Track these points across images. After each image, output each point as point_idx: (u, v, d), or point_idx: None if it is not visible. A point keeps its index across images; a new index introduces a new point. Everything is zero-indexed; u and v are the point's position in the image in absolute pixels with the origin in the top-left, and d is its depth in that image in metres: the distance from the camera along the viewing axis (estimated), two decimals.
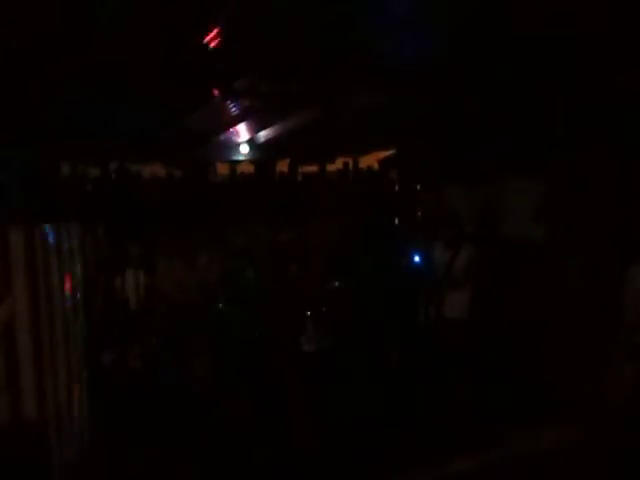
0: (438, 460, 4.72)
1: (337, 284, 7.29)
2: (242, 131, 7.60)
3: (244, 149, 8.35)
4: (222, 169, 9.57)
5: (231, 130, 7.42)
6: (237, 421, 5.72)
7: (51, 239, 4.53)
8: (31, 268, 4.27)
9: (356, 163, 9.70)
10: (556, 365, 5.24)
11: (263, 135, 7.83)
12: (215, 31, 4.20)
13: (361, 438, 5.15)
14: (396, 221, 8.88)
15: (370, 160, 9.69)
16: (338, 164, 9.77)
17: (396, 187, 9.47)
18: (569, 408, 4.71)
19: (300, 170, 9.58)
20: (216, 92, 5.21)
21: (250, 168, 9.36)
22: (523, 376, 5.45)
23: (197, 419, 5.64)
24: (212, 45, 4.35)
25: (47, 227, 4.51)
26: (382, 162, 9.67)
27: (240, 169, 9.45)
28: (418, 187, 8.86)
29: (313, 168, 9.61)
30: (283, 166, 9.51)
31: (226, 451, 5.22)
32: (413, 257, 6.92)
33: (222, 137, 7.87)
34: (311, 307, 6.91)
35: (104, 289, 5.97)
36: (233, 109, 6.20)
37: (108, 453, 4.96)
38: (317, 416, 5.67)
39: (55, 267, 4.56)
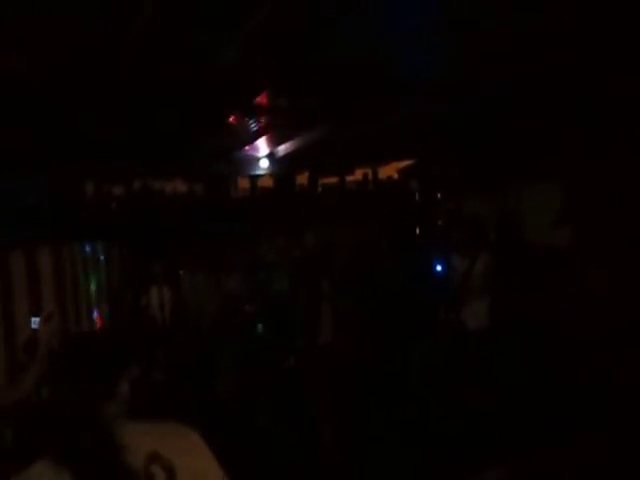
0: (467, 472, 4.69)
1: (360, 295, 7.31)
2: (262, 146, 7.68)
3: (264, 163, 8.43)
4: (242, 183, 9.65)
5: (251, 145, 7.49)
6: (266, 435, 5.74)
7: (79, 257, 4.63)
8: (60, 287, 4.35)
9: (375, 173, 9.73)
10: (583, 372, 5.19)
11: (282, 149, 7.90)
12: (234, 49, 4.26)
13: (388, 452, 5.15)
14: (417, 230, 8.90)
15: (390, 170, 9.71)
16: (357, 175, 9.81)
17: (416, 196, 9.49)
18: (599, 416, 4.66)
19: (320, 182, 9.63)
20: (235, 110, 5.28)
21: (270, 182, 9.43)
22: (549, 384, 5.40)
23: (225, 434, 5.68)
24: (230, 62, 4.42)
25: (74, 246, 4.61)
26: (402, 172, 9.68)
27: (260, 183, 9.53)
28: (439, 196, 8.87)
29: (333, 180, 9.65)
30: (302, 179, 9.56)
31: (253, 465, 5.24)
32: (435, 266, 6.93)
33: (242, 152, 7.95)
34: (337, 318, 6.93)
35: (130, 305, 6.05)
36: (252, 125, 6.27)
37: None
38: (346, 430, 5.67)
39: (83, 285, 4.66)
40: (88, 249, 4.84)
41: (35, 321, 3.69)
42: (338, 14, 3.86)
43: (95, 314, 4.69)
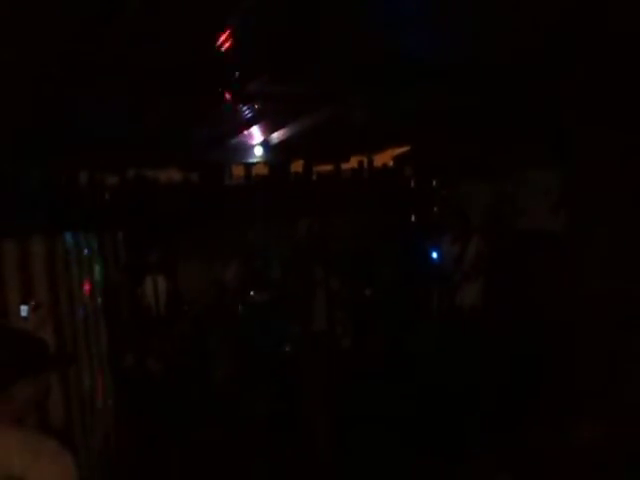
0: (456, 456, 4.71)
1: (357, 281, 7.32)
2: (256, 133, 7.63)
3: (258, 151, 8.39)
4: (237, 171, 9.62)
5: (245, 133, 7.45)
6: (259, 422, 5.75)
7: (71, 247, 4.58)
8: (52, 277, 4.31)
9: (371, 161, 9.70)
10: (574, 358, 5.20)
11: (277, 136, 7.85)
12: (226, 35, 4.22)
13: (383, 438, 5.16)
14: (412, 217, 8.89)
15: (385, 157, 9.68)
16: (353, 162, 9.79)
17: (411, 183, 9.48)
18: (590, 403, 4.67)
19: (315, 170, 9.61)
20: (228, 96, 5.23)
21: (265, 169, 9.40)
22: (541, 367, 5.42)
23: (219, 420, 5.68)
24: (223, 49, 4.37)
25: (67, 236, 4.56)
26: (397, 159, 9.66)
27: (255, 171, 9.49)
28: (434, 183, 8.86)
29: (328, 167, 9.63)
30: (297, 167, 9.54)
31: (247, 451, 5.25)
32: (430, 252, 6.95)
33: (236, 140, 7.90)
34: (333, 305, 6.93)
35: (125, 295, 6.02)
36: (246, 112, 6.22)
37: (132, 455, 5.02)
38: (337, 417, 5.68)
39: (76, 275, 4.62)
40: (82, 238, 4.79)
41: (24, 309, 3.68)
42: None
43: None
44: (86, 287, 4.64)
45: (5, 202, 5.72)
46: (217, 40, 4.26)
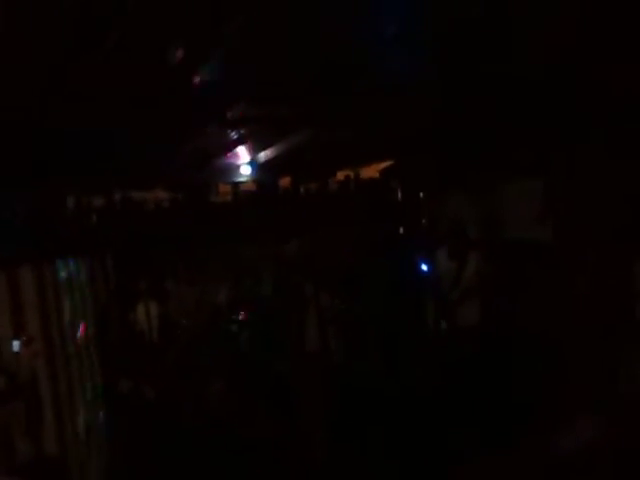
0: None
1: (347, 297, 7.31)
2: (242, 153, 7.64)
3: (245, 170, 8.39)
4: (223, 188, 9.61)
5: (231, 153, 7.46)
6: (255, 442, 5.73)
7: (61, 275, 4.57)
8: (43, 306, 4.30)
9: (357, 175, 9.73)
10: (574, 367, 5.23)
11: (263, 155, 7.87)
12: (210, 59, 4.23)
13: (378, 454, 5.16)
14: (401, 230, 8.91)
15: (371, 171, 9.72)
16: (340, 176, 9.82)
17: (398, 196, 9.50)
18: (589, 410, 4.69)
19: (302, 186, 9.62)
20: (212, 121, 5.25)
21: (252, 188, 9.40)
22: (542, 380, 5.43)
23: (215, 442, 5.65)
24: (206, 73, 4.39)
25: (56, 263, 4.55)
26: (383, 172, 9.70)
27: (242, 189, 9.50)
28: (421, 195, 8.89)
29: (315, 184, 9.65)
30: (285, 184, 9.55)
31: (244, 472, 5.23)
32: (420, 267, 6.94)
33: (222, 160, 7.91)
34: (323, 322, 6.93)
35: (117, 320, 6.00)
36: (231, 134, 6.24)
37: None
38: (332, 433, 5.67)
39: (66, 302, 4.60)
40: (71, 266, 4.78)
41: (16, 345, 3.69)
42: (315, 20, 3.84)
43: (79, 333, 4.64)
44: (81, 329, 4.63)
45: None
46: (201, 64, 4.28)
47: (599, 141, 5.27)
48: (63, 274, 4.64)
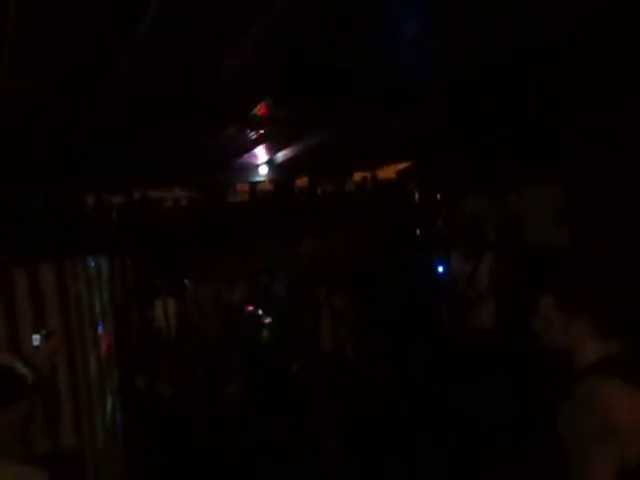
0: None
1: (361, 299, 7.31)
2: (260, 153, 7.71)
3: (263, 170, 8.46)
4: (241, 187, 9.68)
5: (250, 153, 7.52)
6: (269, 443, 5.77)
7: (81, 272, 4.62)
8: (63, 303, 4.35)
9: (374, 176, 9.75)
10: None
11: (281, 156, 7.93)
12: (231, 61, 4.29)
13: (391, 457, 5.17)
14: (417, 232, 8.91)
15: (388, 172, 9.73)
16: (357, 177, 9.84)
17: (416, 198, 9.50)
18: None
19: (320, 187, 9.66)
20: (234, 121, 5.31)
21: (269, 187, 9.46)
22: (552, 384, 5.40)
23: (230, 442, 5.70)
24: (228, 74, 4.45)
25: (77, 261, 4.60)
26: (400, 173, 9.70)
27: (260, 189, 9.56)
28: (438, 197, 8.88)
29: (332, 184, 9.68)
30: (302, 184, 9.59)
31: (258, 473, 5.27)
32: (436, 268, 6.92)
33: (241, 160, 7.98)
34: (339, 324, 6.94)
35: (136, 318, 6.06)
36: (250, 134, 6.30)
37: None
38: (344, 434, 5.69)
39: (86, 299, 4.65)
40: (91, 264, 4.85)
41: (36, 338, 3.71)
42: (338, 25, 3.88)
43: (100, 330, 4.69)
44: (105, 342, 4.67)
45: (12, 230, 5.77)
46: (222, 65, 4.34)
47: (616, 145, 5.25)
48: (84, 270, 4.69)
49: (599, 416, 1.78)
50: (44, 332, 3.73)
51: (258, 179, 8.89)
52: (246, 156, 7.73)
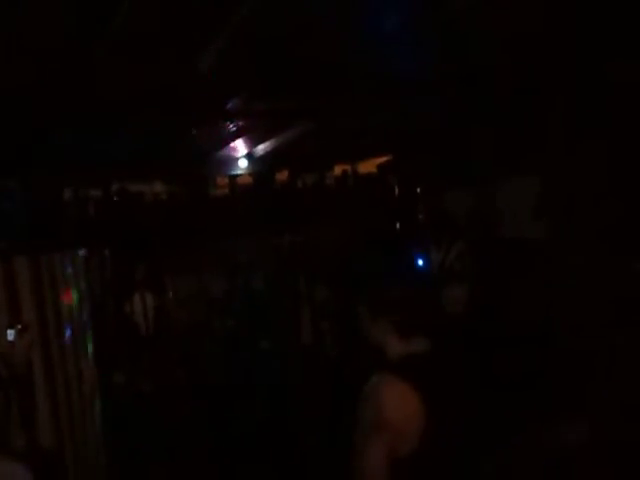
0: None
1: (341, 292, 7.32)
2: (240, 146, 7.66)
3: (243, 163, 8.41)
4: (221, 180, 9.63)
5: (229, 146, 7.48)
6: (252, 436, 5.76)
7: (57, 266, 4.57)
8: (38, 297, 4.30)
9: (355, 170, 9.75)
10: (562, 359, 5.24)
11: (261, 149, 7.90)
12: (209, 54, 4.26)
13: None
14: (397, 225, 8.92)
15: (369, 166, 9.74)
16: (337, 171, 9.84)
17: (395, 191, 9.52)
18: (581, 405, 4.71)
19: (300, 180, 9.64)
20: (211, 114, 5.27)
21: (249, 180, 9.42)
22: (529, 370, 5.43)
23: (210, 436, 5.68)
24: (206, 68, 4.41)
25: (52, 255, 4.55)
26: (380, 167, 9.71)
27: (240, 182, 9.52)
28: (418, 190, 8.91)
29: (312, 177, 9.67)
30: (282, 176, 9.56)
31: (238, 467, 5.27)
32: (416, 261, 6.94)
33: (221, 153, 7.93)
34: (318, 316, 6.94)
35: (113, 312, 6.01)
36: (230, 127, 6.26)
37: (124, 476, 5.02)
38: (329, 427, 5.69)
39: (62, 294, 4.61)
40: (68, 257, 4.79)
41: (11, 333, 3.67)
42: (315, 16, 3.86)
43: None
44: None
45: None
46: (200, 59, 4.30)
47: (596, 139, 5.29)
48: (60, 265, 4.63)
49: (374, 409, 2.04)
50: (18, 327, 3.70)
51: (238, 172, 8.85)
52: (226, 149, 7.69)
